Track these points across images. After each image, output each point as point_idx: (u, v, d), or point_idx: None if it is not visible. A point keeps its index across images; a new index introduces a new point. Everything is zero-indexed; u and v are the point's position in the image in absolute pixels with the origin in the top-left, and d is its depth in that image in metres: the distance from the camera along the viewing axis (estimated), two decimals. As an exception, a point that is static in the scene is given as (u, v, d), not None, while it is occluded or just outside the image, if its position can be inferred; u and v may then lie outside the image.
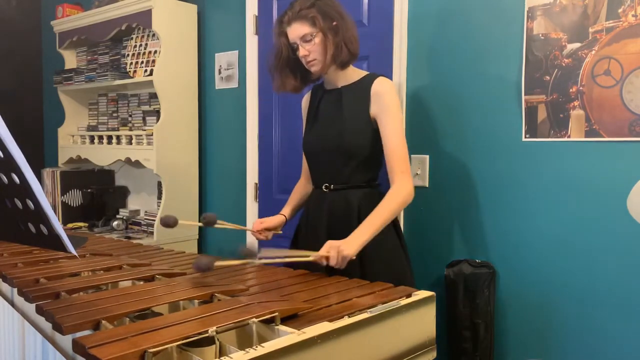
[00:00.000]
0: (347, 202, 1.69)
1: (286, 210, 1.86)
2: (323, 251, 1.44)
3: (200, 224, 1.70)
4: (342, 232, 1.64)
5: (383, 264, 1.63)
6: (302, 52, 1.63)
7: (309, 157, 1.80)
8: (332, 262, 1.43)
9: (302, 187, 1.91)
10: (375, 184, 1.75)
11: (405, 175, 1.60)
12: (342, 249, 1.42)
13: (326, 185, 1.73)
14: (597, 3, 1.70)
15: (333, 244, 1.44)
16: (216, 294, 1.15)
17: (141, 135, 2.92)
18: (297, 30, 1.62)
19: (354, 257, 1.46)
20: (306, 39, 1.62)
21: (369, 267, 1.61)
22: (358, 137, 1.66)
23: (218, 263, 1.35)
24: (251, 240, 2.72)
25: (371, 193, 1.71)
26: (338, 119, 1.69)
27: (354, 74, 1.73)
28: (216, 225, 1.69)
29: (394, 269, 1.67)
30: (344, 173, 1.69)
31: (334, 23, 1.62)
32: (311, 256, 1.44)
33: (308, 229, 1.78)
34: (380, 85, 1.66)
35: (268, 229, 1.79)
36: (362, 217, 1.67)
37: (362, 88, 1.68)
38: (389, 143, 1.63)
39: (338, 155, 1.68)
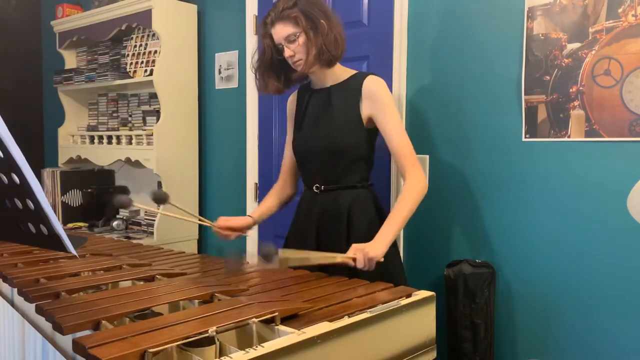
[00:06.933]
0: (337, 203, 1.68)
1: (256, 213, 1.81)
2: (350, 254, 1.45)
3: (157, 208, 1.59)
4: (330, 234, 1.64)
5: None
6: (287, 52, 1.62)
7: (299, 158, 1.78)
8: (360, 265, 1.44)
9: (277, 192, 1.87)
10: (367, 184, 1.74)
11: (416, 168, 1.60)
12: (367, 251, 1.43)
13: (317, 186, 1.71)
14: (597, 3, 1.70)
15: (358, 246, 1.45)
16: (216, 294, 1.15)
17: (141, 135, 2.92)
18: (281, 31, 1.61)
19: (382, 260, 1.46)
20: (290, 39, 1.60)
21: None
22: (349, 137, 1.65)
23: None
24: (251, 250, 2.72)
25: (363, 194, 1.71)
26: (328, 118, 1.68)
27: (343, 73, 1.72)
28: (169, 213, 1.69)
29: (386, 267, 1.66)
30: (335, 173, 1.68)
31: (317, 22, 1.60)
32: (338, 258, 1.45)
33: (297, 230, 1.77)
34: (372, 84, 1.65)
35: (232, 229, 1.72)
36: (352, 218, 1.67)
37: (352, 87, 1.68)
38: (393, 140, 1.62)
39: (329, 155, 1.67)
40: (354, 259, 1.44)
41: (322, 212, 1.69)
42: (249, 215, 1.78)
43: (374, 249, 1.44)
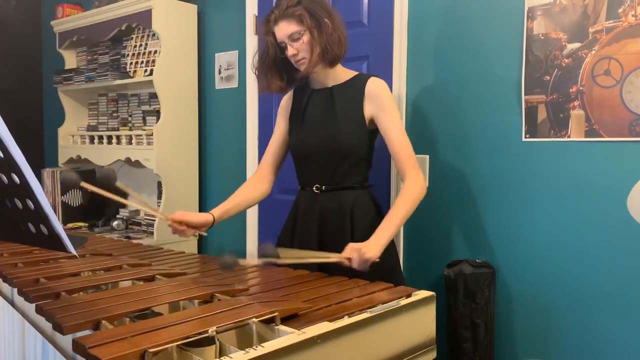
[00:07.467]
0: (340, 203, 1.67)
1: (218, 211, 1.68)
2: (345, 253, 1.43)
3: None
4: (333, 234, 1.63)
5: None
6: (290, 51, 1.61)
7: (299, 158, 1.76)
8: (355, 265, 1.42)
9: (248, 190, 1.80)
10: (367, 184, 1.74)
11: (415, 170, 1.59)
12: (363, 251, 1.41)
13: (317, 187, 1.71)
14: (597, 3, 1.70)
15: (355, 246, 1.43)
16: (216, 294, 1.15)
17: (141, 135, 2.92)
18: (284, 29, 1.60)
19: (377, 260, 1.44)
20: (294, 38, 1.59)
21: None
22: (353, 138, 1.65)
23: (242, 262, 1.38)
24: (251, 250, 2.72)
25: (363, 194, 1.70)
26: (331, 119, 1.67)
27: (344, 73, 1.72)
28: (127, 201, 1.60)
29: (384, 265, 1.66)
30: (336, 174, 1.68)
31: (321, 21, 1.59)
32: (332, 257, 1.44)
33: (297, 231, 1.75)
34: (375, 85, 1.65)
35: (188, 225, 1.59)
36: (355, 219, 1.66)
37: (355, 88, 1.67)
38: (394, 141, 1.62)
39: (332, 156, 1.66)
40: (349, 259, 1.42)
41: (323, 213, 1.69)
42: (210, 213, 1.66)
43: (370, 250, 1.42)
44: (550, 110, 1.80)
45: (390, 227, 1.50)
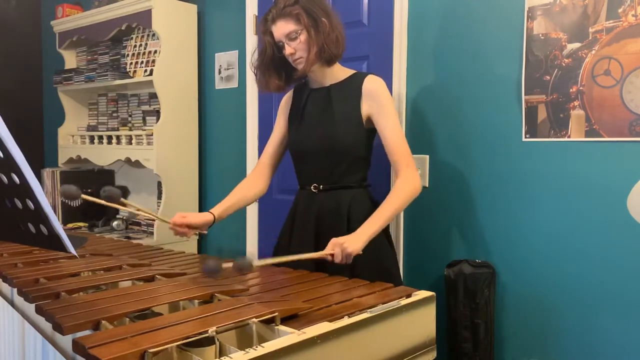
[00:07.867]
0: (337, 203, 1.68)
1: (217, 210, 1.71)
2: (327, 250, 1.44)
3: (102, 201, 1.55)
4: (330, 233, 1.63)
5: (368, 260, 1.59)
6: (288, 50, 1.61)
7: (297, 157, 1.77)
8: (337, 260, 1.44)
9: (248, 185, 1.83)
10: (365, 184, 1.74)
11: (410, 169, 1.59)
12: (345, 246, 1.43)
13: (315, 186, 1.71)
14: (597, 3, 1.70)
15: (337, 241, 1.44)
16: (216, 294, 1.15)
17: (141, 135, 2.92)
18: (282, 28, 1.60)
19: (360, 253, 1.46)
20: (291, 37, 1.60)
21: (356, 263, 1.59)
22: (350, 137, 1.65)
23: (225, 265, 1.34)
24: (251, 250, 2.72)
25: (361, 193, 1.71)
26: (328, 118, 1.67)
27: (342, 72, 1.72)
28: (123, 207, 1.64)
29: (382, 265, 1.66)
30: (334, 173, 1.68)
31: (318, 20, 1.59)
32: (315, 255, 1.45)
33: (294, 230, 1.76)
34: (372, 84, 1.66)
35: (190, 226, 1.63)
36: (352, 218, 1.67)
37: (352, 86, 1.67)
38: (390, 139, 1.62)
39: (329, 155, 1.66)
40: (332, 254, 1.44)
41: (320, 212, 1.69)
42: (210, 212, 1.69)
43: (352, 244, 1.44)
44: (550, 110, 1.80)
45: (375, 223, 1.51)
